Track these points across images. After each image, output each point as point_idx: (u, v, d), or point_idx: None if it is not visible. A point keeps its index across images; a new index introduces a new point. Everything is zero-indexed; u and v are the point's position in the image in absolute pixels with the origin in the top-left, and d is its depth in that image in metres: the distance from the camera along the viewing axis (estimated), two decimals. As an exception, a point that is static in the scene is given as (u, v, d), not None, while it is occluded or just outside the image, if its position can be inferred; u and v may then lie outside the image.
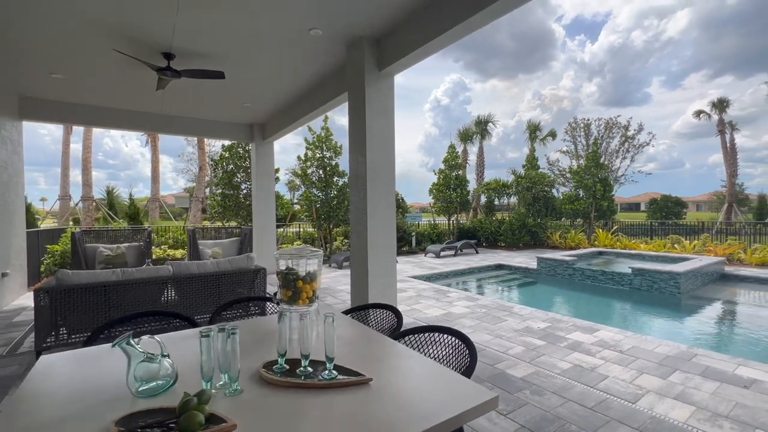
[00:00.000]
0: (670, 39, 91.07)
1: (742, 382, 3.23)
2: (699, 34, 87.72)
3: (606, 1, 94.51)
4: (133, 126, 8.03)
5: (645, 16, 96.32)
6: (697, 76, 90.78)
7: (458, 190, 13.83)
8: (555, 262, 9.08)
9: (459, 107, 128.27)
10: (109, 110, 7.55)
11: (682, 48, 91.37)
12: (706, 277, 8.09)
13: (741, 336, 5.37)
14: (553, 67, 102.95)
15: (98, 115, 7.49)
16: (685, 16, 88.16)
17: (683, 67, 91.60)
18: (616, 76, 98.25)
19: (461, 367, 1.92)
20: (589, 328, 4.77)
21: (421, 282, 7.82)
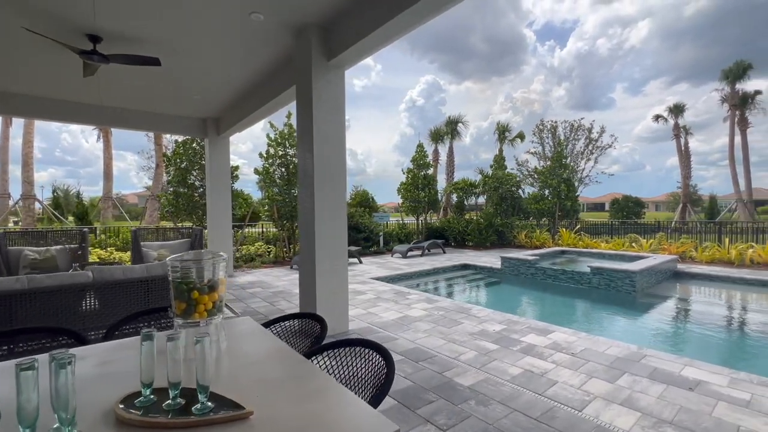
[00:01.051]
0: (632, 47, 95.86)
1: (688, 384, 3.19)
2: (659, 43, 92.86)
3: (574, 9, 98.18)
4: (75, 118, 7.37)
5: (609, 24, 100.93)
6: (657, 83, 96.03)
7: (426, 189, 13.72)
8: (518, 262, 9.09)
9: (434, 108, 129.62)
10: (45, 101, 6.87)
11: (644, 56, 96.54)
12: (660, 275, 8.30)
13: (689, 334, 5.46)
14: (525, 71, 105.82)
15: (30, 105, 6.80)
16: (646, 26, 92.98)
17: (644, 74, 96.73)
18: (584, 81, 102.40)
19: (376, 387, 1.68)
20: (544, 329, 4.68)
21: (382, 284, 7.59)
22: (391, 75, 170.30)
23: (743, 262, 9.53)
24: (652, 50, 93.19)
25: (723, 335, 5.39)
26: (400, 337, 4.46)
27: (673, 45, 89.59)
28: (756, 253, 9.48)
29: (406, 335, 4.54)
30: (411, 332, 4.65)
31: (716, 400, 2.92)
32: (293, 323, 2.42)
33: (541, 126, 29.11)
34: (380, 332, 4.66)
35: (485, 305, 6.76)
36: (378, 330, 4.75)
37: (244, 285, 7.64)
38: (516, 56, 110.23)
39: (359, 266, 9.96)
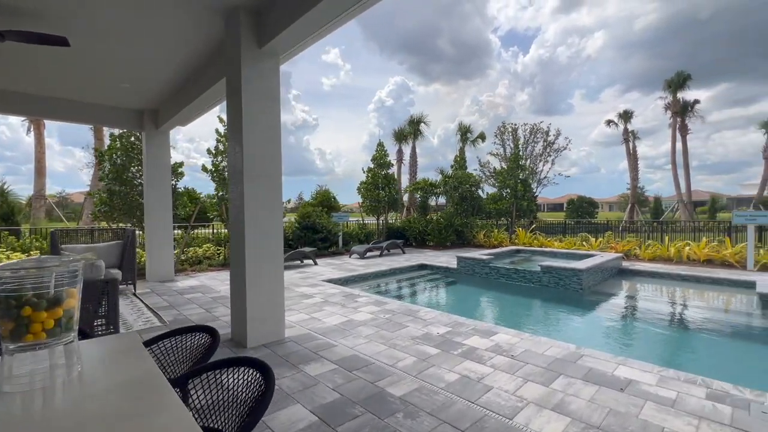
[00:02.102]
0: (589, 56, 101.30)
1: (619, 384, 3.15)
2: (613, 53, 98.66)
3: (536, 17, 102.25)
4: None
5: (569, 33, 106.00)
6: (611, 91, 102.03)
7: (386, 189, 13.57)
8: (473, 262, 9.10)
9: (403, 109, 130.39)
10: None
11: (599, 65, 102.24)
12: (605, 272, 8.58)
13: (627, 331, 5.59)
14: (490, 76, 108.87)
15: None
16: (601, 37, 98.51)
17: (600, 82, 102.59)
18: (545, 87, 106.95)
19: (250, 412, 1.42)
20: (488, 331, 4.59)
21: (333, 286, 7.30)
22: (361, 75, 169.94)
23: (681, 258, 10.08)
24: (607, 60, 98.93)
25: (658, 331, 5.56)
26: (339, 344, 4.21)
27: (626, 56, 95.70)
28: (692, 250, 10.05)
29: (346, 341, 4.30)
30: (352, 338, 4.41)
31: (644, 401, 2.89)
32: (184, 338, 2.10)
33: (502, 128, 29.87)
34: (319, 339, 4.38)
35: (435, 307, 6.65)
36: (318, 336, 4.47)
37: (184, 290, 7.10)
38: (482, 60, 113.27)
39: (313, 268, 9.61)
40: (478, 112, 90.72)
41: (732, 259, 9.38)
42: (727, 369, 4.22)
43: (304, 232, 11.71)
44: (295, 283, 7.71)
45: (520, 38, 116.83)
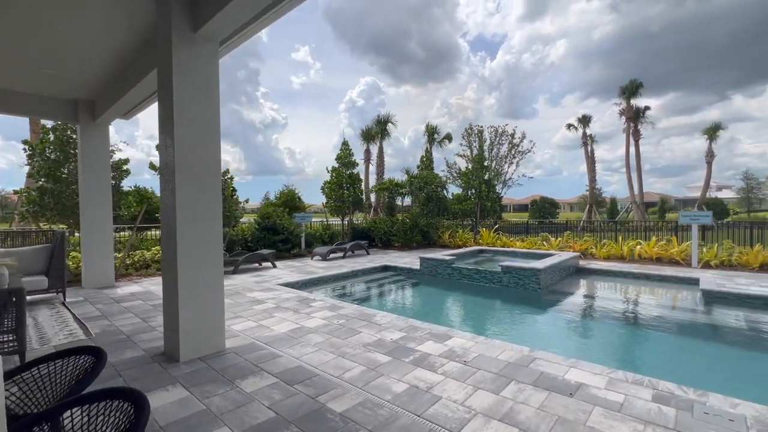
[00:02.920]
0: (552, 63, 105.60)
1: (569, 389, 3.07)
2: (573, 61, 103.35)
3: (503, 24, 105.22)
4: None
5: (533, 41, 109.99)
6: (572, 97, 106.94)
7: (351, 189, 13.29)
8: (436, 262, 9.02)
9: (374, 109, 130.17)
10: None
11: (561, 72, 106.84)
12: (563, 271, 8.74)
13: (579, 331, 5.64)
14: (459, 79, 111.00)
15: None
16: (563, 45, 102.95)
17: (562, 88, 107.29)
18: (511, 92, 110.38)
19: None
20: (443, 335, 4.44)
21: (289, 290, 6.95)
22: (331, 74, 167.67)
23: (633, 257, 10.49)
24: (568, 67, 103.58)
25: (609, 330, 5.65)
26: (285, 354, 3.91)
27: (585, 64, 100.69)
28: (643, 249, 10.48)
29: (292, 351, 4.00)
30: (300, 347, 4.12)
31: (593, 406, 2.81)
32: (66, 362, 1.76)
33: (469, 130, 30.38)
34: (264, 349, 4.06)
35: (393, 310, 6.48)
36: (262, 346, 4.15)
37: (123, 298, 6.51)
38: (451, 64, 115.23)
39: (271, 271, 9.18)
40: (448, 114, 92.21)
41: (678, 257, 9.85)
42: (673, 367, 4.30)
43: (263, 234, 11.21)
44: (248, 287, 7.28)
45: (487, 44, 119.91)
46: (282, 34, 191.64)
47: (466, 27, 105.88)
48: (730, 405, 2.80)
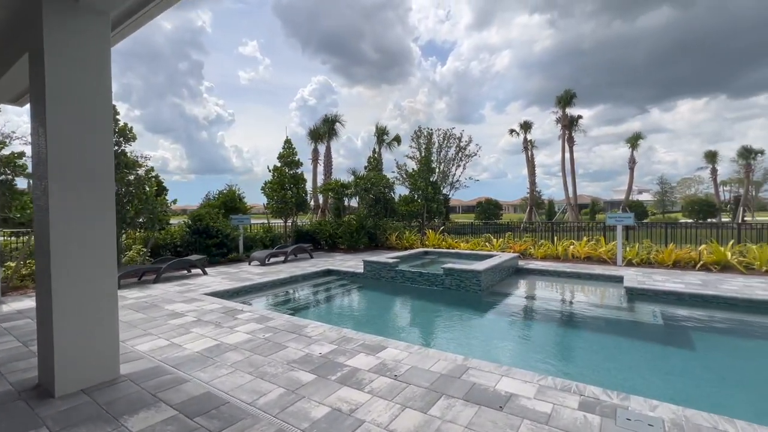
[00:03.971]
0: (497, 72, 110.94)
1: (499, 401, 2.93)
2: (517, 71, 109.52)
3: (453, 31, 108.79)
4: None
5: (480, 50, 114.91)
6: (515, 105, 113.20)
7: (294, 189, 12.69)
8: (379, 265, 8.79)
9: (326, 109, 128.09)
10: None
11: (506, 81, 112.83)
12: (503, 271, 8.92)
13: (514, 334, 5.67)
14: (411, 82, 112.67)
15: None
16: (508, 56, 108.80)
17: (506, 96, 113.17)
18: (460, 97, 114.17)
19: None
20: (376, 346, 4.17)
21: (215, 301, 6.32)
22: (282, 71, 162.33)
23: (567, 256, 11.05)
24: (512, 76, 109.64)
25: (541, 331, 5.76)
26: (193, 379, 3.40)
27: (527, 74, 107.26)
28: (575, 248, 11.08)
29: (203, 374, 3.50)
30: (213, 368, 3.63)
31: (521, 419, 2.68)
32: None
33: (418, 132, 30.76)
34: (170, 373, 3.52)
35: (329, 319, 6.14)
36: (169, 370, 3.59)
37: (7, 316, 5.49)
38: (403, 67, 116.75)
39: (201, 278, 8.39)
40: (400, 116, 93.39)
41: (606, 255, 10.51)
42: (600, 367, 4.39)
43: (195, 238, 10.29)
44: (169, 298, 6.53)
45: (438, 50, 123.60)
46: (227, 26, 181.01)
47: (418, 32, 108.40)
48: (650, 407, 2.81)
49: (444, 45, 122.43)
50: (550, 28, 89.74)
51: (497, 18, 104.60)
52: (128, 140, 8.95)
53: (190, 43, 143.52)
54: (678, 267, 9.34)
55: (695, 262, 9.22)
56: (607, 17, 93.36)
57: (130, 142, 8.99)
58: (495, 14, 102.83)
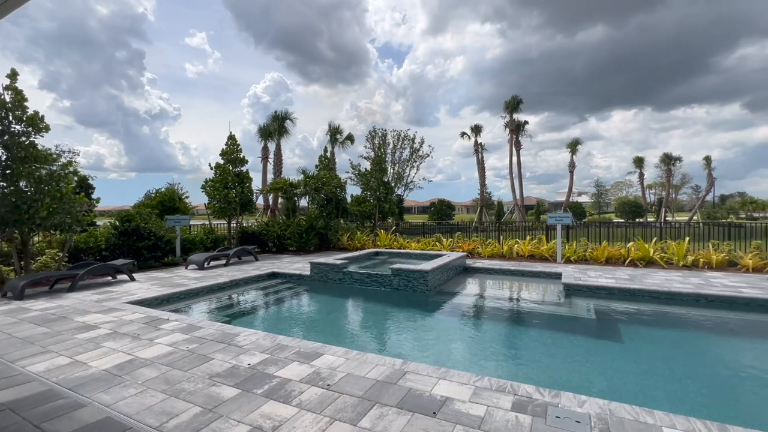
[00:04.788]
0: (451, 77, 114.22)
1: (433, 407, 2.81)
2: (470, 77, 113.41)
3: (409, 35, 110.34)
4: None
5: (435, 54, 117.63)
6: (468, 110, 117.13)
7: (238, 188, 12.00)
8: (327, 267, 8.50)
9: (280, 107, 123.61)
10: None
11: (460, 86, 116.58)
12: (451, 271, 9.01)
13: (457, 333, 5.67)
14: (368, 83, 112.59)
15: None
16: (462, 62, 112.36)
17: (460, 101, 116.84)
18: (416, 100, 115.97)
19: None
20: (313, 353, 3.92)
21: (138, 310, 5.70)
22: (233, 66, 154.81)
23: (512, 254, 11.45)
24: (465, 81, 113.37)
25: (484, 330, 5.81)
26: (93, 402, 2.95)
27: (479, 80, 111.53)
28: (519, 247, 11.51)
29: (106, 396, 3.05)
30: (120, 388, 3.18)
31: (454, 425, 2.57)
32: None
33: (373, 133, 30.80)
34: (65, 397, 3.03)
35: (267, 325, 5.79)
36: (65, 393, 3.10)
37: None
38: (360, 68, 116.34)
39: (127, 285, 7.60)
40: (357, 117, 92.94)
41: (547, 253, 11.02)
42: (536, 363, 4.46)
43: (123, 240, 9.35)
44: (83, 309, 5.80)
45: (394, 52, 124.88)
46: (172, 14, 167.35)
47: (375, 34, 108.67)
48: (579, 404, 2.83)
49: (400, 48, 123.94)
50: (500, 38, 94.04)
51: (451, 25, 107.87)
52: (39, 131, 7.91)
53: (129, 31, 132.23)
54: (610, 263, 10.00)
55: (624, 258, 9.92)
56: (551, 31, 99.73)
57: (41, 132, 7.95)
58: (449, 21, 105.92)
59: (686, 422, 2.59)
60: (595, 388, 3.67)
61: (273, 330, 5.55)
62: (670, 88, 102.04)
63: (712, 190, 49.97)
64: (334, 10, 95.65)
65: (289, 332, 5.48)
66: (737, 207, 57.67)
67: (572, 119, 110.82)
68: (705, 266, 9.10)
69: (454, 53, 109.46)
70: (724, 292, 6.55)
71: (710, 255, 9.23)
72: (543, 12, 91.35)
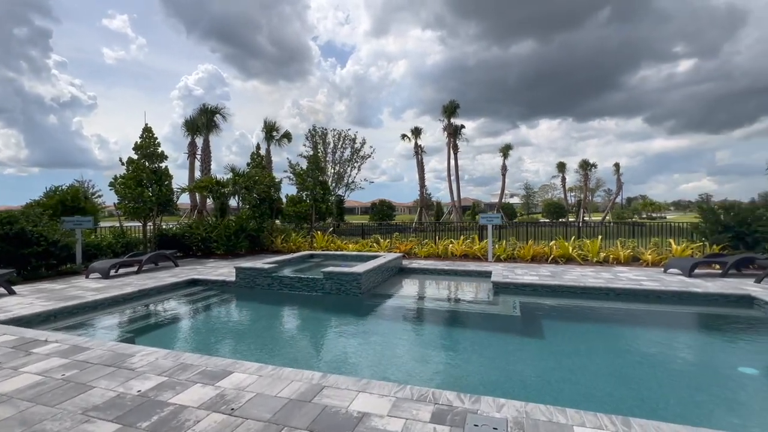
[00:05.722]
0: (394, 80, 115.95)
1: (349, 426, 2.56)
2: (412, 81, 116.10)
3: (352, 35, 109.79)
4: None
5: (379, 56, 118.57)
6: (410, 113, 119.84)
7: (155, 186, 10.79)
8: (254, 272, 7.91)
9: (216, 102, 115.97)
10: None
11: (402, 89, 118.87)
12: (387, 272, 8.89)
13: (387, 338, 5.51)
14: (311, 81, 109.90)
15: None
16: (404, 65, 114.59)
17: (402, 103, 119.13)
18: (360, 100, 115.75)
19: None
20: (220, 372, 3.48)
21: (7, 330, 4.73)
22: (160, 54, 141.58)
23: (447, 254, 11.69)
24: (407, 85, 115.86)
25: (414, 332, 5.73)
26: None
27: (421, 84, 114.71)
28: (454, 247, 11.79)
29: (-72, 450, 2.37)
30: (-49, 438, 2.50)
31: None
32: None
33: (313, 131, 30.01)
34: None
35: (171, 342, 5.14)
36: None
37: None
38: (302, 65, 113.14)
39: (4, 300, 6.37)
40: (299, 115, 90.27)
41: (479, 253, 11.41)
42: (460, 364, 4.43)
43: (2, 246, 7.88)
44: (-70, 333, 4.67)
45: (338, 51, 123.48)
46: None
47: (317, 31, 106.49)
48: (497, 408, 2.77)
49: (344, 47, 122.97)
50: (440, 45, 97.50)
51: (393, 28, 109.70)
52: None
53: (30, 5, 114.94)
54: (535, 261, 10.60)
55: (548, 256, 10.58)
56: (487, 42, 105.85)
57: None
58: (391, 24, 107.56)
59: (594, 419, 2.63)
60: (517, 388, 3.69)
61: (182, 346, 4.94)
62: (587, 101, 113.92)
63: (620, 193, 56.53)
64: (275, 3, 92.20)
65: (201, 348, 4.92)
66: (640, 208, 65.86)
67: (506, 126, 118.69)
68: (614, 262, 10.02)
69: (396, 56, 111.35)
70: (628, 285, 7.18)
71: (618, 252, 10.18)
72: (480, 23, 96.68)
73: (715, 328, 5.82)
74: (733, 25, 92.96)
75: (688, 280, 7.65)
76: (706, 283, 7.21)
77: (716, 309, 6.24)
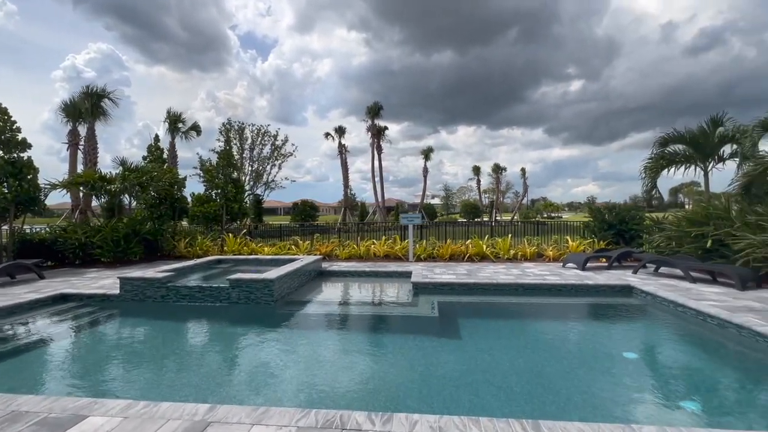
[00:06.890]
0: (319, 78, 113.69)
1: (232, 475, 2.08)
2: (337, 80, 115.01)
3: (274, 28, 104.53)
4: None
5: (302, 53, 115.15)
6: (336, 112, 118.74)
7: (12, 181, 8.73)
8: (143, 283, 6.77)
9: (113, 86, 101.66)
10: None
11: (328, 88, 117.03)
12: (304, 276, 8.33)
13: (299, 354, 5.06)
14: (228, 73, 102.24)
15: None
16: (329, 64, 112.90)
17: (328, 102, 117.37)
18: (283, 96, 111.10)
19: None
20: (70, 417, 2.70)
21: None
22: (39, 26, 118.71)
23: (369, 255, 11.49)
24: (333, 84, 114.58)
25: (317, 343, 5.35)
26: None
27: (346, 85, 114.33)
28: (376, 248, 11.64)
29: None
30: None
31: (254, 499, 1.90)
32: None
33: (228, 125, 27.74)
34: None
35: (10, 381, 4.03)
36: None
37: None
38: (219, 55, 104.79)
39: None
40: (215, 108, 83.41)
41: (401, 253, 11.42)
42: (374, 376, 4.16)
43: None
44: None
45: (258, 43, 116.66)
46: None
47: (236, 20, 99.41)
48: (410, 426, 2.52)
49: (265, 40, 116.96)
50: (365, 47, 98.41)
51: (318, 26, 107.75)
52: None
53: None
54: (453, 260, 10.93)
55: (464, 254, 10.98)
56: (410, 48, 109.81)
57: None
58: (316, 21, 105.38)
59: (507, 426, 2.53)
60: (434, 395, 3.52)
61: (27, 386, 3.88)
62: (500, 111, 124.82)
63: (526, 195, 62.78)
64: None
65: (54, 386, 3.91)
66: (542, 209, 73.94)
67: (427, 130, 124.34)
68: (522, 258, 10.77)
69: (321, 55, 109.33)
70: (534, 281, 7.68)
71: (525, 249, 10.97)
72: (403, 29, 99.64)
73: (606, 316, 6.45)
74: (611, 54, 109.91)
75: (582, 273, 8.47)
76: (597, 276, 8.05)
77: (606, 299, 6.96)
